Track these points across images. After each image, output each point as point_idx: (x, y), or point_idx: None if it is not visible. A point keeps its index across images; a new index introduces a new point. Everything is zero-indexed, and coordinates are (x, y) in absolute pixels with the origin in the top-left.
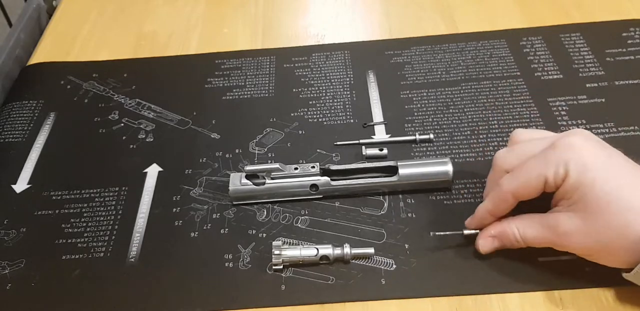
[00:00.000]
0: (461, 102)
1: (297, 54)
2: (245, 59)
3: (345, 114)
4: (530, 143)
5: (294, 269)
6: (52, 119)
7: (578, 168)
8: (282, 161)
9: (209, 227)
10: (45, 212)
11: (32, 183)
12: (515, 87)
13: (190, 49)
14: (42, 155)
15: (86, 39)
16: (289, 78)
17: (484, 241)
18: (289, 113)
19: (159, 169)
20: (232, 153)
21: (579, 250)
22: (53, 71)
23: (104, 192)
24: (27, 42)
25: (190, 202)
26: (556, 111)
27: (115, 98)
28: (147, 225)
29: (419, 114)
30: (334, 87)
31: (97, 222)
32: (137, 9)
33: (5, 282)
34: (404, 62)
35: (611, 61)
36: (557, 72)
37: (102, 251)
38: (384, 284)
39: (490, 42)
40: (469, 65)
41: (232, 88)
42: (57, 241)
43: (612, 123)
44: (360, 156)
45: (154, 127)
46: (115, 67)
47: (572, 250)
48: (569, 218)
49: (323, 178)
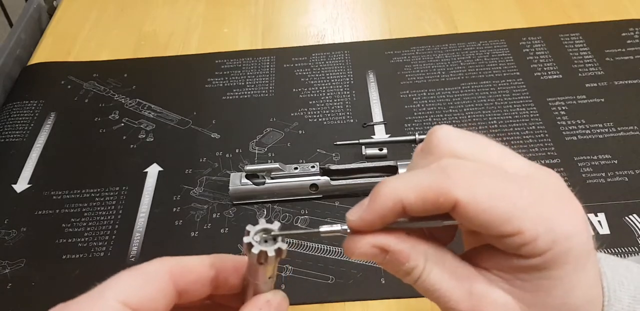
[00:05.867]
0: (461, 102)
1: (297, 54)
2: (245, 59)
3: (345, 114)
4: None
5: (294, 268)
6: (53, 119)
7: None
8: (282, 161)
9: (209, 227)
10: (45, 211)
11: (32, 183)
12: (515, 87)
13: (190, 49)
14: (43, 155)
15: (86, 39)
16: (289, 79)
17: (364, 249)
18: (289, 113)
19: (159, 169)
20: (232, 153)
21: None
22: (53, 71)
23: (104, 192)
24: (28, 42)
25: (191, 201)
26: (555, 111)
27: (116, 98)
28: (147, 225)
29: (418, 114)
30: (334, 87)
31: (98, 221)
32: (137, 9)
33: (6, 282)
34: (404, 62)
35: (610, 61)
36: (556, 72)
37: (102, 251)
38: (383, 283)
39: (490, 42)
40: (469, 65)
41: (232, 88)
42: (58, 240)
43: (611, 123)
44: (360, 156)
45: (154, 127)
46: (116, 67)
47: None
48: (508, 306)
49: (323, 177)
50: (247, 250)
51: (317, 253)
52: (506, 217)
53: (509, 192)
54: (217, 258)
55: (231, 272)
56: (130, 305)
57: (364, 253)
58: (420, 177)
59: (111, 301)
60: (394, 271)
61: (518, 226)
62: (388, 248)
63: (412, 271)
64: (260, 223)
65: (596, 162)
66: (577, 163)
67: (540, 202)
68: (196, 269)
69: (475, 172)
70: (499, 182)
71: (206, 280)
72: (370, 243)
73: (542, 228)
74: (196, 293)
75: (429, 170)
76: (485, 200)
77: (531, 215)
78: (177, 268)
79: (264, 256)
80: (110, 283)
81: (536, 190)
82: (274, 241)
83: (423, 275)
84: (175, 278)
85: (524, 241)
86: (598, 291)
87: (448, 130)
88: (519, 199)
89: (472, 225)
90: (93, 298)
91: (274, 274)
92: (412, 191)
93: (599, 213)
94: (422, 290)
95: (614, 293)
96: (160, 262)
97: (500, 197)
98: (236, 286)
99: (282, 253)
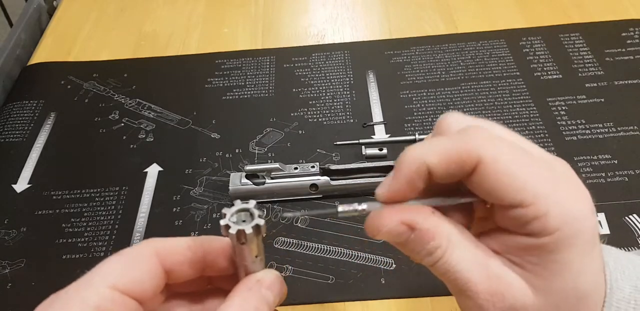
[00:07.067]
0: (461, 102)
1: (297, 54)
2: (245, 59)
3: (345, 114)
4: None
5: (294, 268)
6: (53, 119)
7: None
8: (282, 161)
9: (209, 227)
10: (45, 211)
11: (32, 183)
12: (515, 87)
13: (190, 49)
14: (43, 155)
15: (86, 39)
16: (289, 79)
17: (392, 226)
18: (289, 113)
19: (159, 169)
20: (232, 153)
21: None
22: (53, 71)
23: (104, 192)
24: (28, 42)
25: (191, 201)
26: (555, 111)
27: (116, 98)
28: (147, 225)
29: (418, 114)
30: (334, 87)
31: (98, 221)
32: (137, 9)
33: (6, 282)
34: (404, 62)
35: (610, 61)
36: (556, 72)
37: (102, 251)
38: (383, 283)
39: (490, 42)
40: (469, 65)
41: (232, 88)
42: (58, 240)
43: (611, 123)
44: (360, 156)
45: (154, 127)
46: (116, 67)
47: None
48: (523, 289)
49: (323, 177)
50: (225, 231)
51: (317, 253)
52: (523, 184)
53: (530, 163)
54: (203, 239)
55: (219, 253)
56: (119, 288)
57: (391, 230)
58: (442, 140)
59: (100, 288)
60: (415, 251)
61: (533, 196)
62: (415, 225)
63: (435, 251)
64: (236, 204)
65: (596, 162)
66: (577, 163)
67: (555, 182)
68: (181, 250)
69: (498, 138)
70: (520, 152)
71: (193, 260)
72: (399, 219)
73: (554, 204)
74: (183, 274)
75: (451, 135)
76: (508, 163)
77: (546, 190)
78: (163, 249)
79: (243, 236)
80: (98, 269)
81: (552, 172)
82: (251, 219)
83: (445, 255)
84: (162, 259)
85: (536, 214)
86: (602, 279)
87: (458, 115)
88: (537, 171)
89: (489, 190)
90: (82, 286)
91: (260, 252)
92: (435, 152)
93: (599, 213)
94: (440, 271)
95: (616, 282)
96: (146, 244)
97: (522, 165)
98: (226, 268)
99: (261, 230)
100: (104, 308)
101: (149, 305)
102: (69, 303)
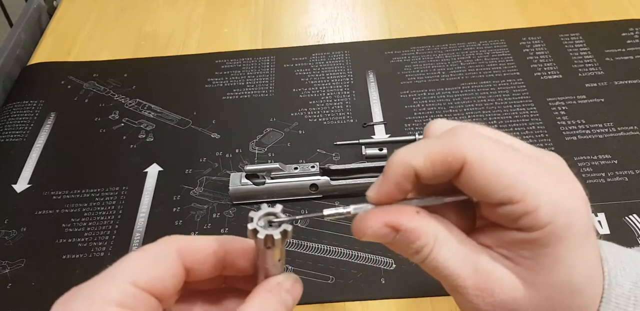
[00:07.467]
0: (461, 102)
1: (297, 54)
2: (245, 59)
3: (345, 114)
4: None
5: (294, 268)
6: (53, 119)
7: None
8: (282, 161)
9: (209, 227)
10: (45, 211)
11: (32, 183)
12: (515, 86)
13: (190, 49)
14: (43, 155)
15: (86, 39)
16: (289, 79)
17: (376, 228)
18: (289, 113)
19: (159, 169)
20: (232, 153)
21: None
22: (53, 71)
23: (104, 192)
24: (28, 42)
25: (191, 201)
26: (555, 111)
27: (116, 98)
28: (147, 225)
29: (418, 114)
30: (334, 87)
31: (98, 221)
32: (137, 9)
33: (6, 282)
34: (404, 62)
35: (610, 61)
36: (556, 72)
37: (102, 251)
38: (383, 283)
39: (490, 42)
40: (469, 65)
41: (232, 88)
42: (58, 240)
43: (611, 123)
44: (360, 156)
45: (154, 127)
46: (116, 67)
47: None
48: (513, 284)
49: (323, 177)
50: (253, 235)
51: (317, 253)
52: (511, 182)
53: (516, 159)
54: (225, 239)
55: (239, 254)
56: (141, 285)
57: (375, 233)
58: (427, 142)
59: (122, 283)
60: (402, 250)
61: (522, 192)
62: (399, 226)
63: (422, 249)
64: (263, 208)
65: (596, 162)
66: (577, 163)
67: (543, 176)
68: (203, 249)
69: (483, 137)
70: (505, 149)
71: (214, 259)
72: (382, 221)
73: (544, 199)
74: (204, 273)
75: (437, 137)
76: (493, 161)
77: (535, 185)
78: (185, 247)
79: (270, 240)
80: (120, 265)
81: (540, 166)
82: (278, 225)
83: (432, 253)
84: (183, 257)
85: (526, 210)
86: (599, 274)
87: (443, 120)
88: (524, 167)
89: (477, 189)
90: (104, 281)
91: (282, 256)
92: (421, 154)
93: (599, 213)
94: (429, 268)
95: (615, 278)
96: (168, 242)
97: (508, 162)
98: (245, 268)
99: (287, 235)
100: (126, 304)
101: (167, 302)
102: (90, 297)
